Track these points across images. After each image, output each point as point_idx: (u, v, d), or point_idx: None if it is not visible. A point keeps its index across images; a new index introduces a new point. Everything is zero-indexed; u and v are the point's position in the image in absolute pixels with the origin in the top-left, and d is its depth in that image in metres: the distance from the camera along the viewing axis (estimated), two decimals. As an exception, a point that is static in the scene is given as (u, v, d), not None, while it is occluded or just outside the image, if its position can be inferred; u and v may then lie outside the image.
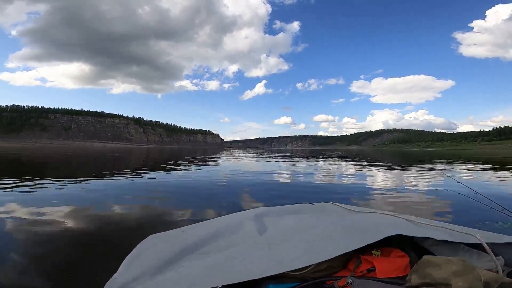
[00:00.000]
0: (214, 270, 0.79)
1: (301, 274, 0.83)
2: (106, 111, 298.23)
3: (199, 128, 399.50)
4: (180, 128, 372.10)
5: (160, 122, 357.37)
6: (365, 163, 13.00)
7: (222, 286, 0.73)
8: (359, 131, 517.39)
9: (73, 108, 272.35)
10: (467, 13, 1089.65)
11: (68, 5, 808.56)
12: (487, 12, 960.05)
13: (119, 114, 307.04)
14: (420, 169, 9.37)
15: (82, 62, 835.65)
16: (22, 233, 2.23)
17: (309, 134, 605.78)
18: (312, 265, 0.81)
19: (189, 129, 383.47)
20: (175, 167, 10.00)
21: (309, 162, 13.82)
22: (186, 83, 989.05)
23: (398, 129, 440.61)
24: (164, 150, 43.04)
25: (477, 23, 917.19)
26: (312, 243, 0.87)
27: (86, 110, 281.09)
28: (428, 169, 9.67)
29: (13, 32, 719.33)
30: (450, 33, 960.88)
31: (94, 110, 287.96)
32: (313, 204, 1.48)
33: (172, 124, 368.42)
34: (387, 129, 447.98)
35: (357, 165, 11.91)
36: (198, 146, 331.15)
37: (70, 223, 2.52)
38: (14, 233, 2.25)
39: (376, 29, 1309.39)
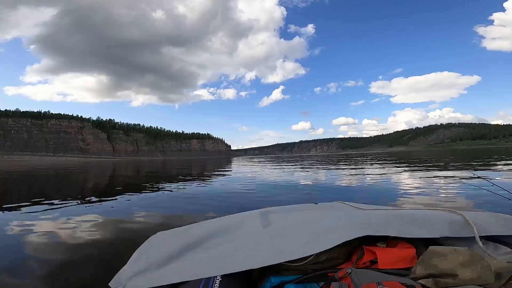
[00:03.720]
0: (215, 261, 0.82)
1: (302, 266, 0.83)
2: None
3: (205, 132, 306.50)
4: (167, 133, 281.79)
5: (141, 125, 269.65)
6: None
7: (224, 278, 0.74)
8: (404, 129, 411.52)
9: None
10: (485, 6, 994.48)
11: (78, 8, 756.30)
12: (505, 4, 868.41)
13: (70, 114, 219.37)
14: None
15: (97, 72, 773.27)
16: None
17: (335, 137, 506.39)
18: (312, 255, 0.81)
19: (181, 133, 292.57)
20: None
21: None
22: (202, 92, 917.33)
23: (454, 124, 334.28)
24: (109, 170, 17.61)
25: (497, 16, 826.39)
26: (315, 235, 0.87)
27: (22, 110, 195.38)
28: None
29: (29, 45, 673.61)
30: (471, 27, 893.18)
31: (31, 110, 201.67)
32: (323, 203, 1.48)
33: (156, 127, 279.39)
34: (441, 124, 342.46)
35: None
36: (192, 156, 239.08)
37: None
38: None
39: (393, 27, 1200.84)
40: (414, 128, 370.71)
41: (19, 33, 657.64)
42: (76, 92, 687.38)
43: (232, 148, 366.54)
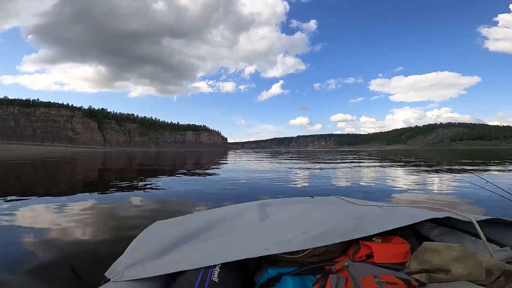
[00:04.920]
0: (213, 251, 0.82)
1: (299, 258, 0.84)
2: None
3: (201, 124, 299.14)
4: (162, 123, 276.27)
5: (135, 115, 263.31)
6: None
7: (222, 268, 0.75)
8: (402, 127, 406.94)
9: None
10: (491, 7, 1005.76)
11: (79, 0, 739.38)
12: (511, 6, 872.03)
13: (60, 102, 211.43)
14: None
15: (96, 63, 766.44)
16: None
17: (333, 133, 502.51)
18: (310, 248, 0.82)
19: (177, 124, 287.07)
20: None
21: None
22: (201, 85, 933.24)
23: (454, 123, 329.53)
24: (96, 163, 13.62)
25: (502, 17, 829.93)
26: (311, 228, 0.87)
27: (10, 98, 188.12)
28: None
29: (27, 35, 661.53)
30: (475, 28, 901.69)
31: (19, 98, 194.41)
32: (319, 197, 1.52)
33: (151, 118, 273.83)
34: (440, 123, 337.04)
35: None
36: (186, 148, 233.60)
37: None
38: None
39: (396, 25, 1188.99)
40: (413, 126, 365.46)
41: (18, 23, 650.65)
42: (74, 82, 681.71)
43: (229, 141, 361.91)
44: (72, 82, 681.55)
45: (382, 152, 44.50)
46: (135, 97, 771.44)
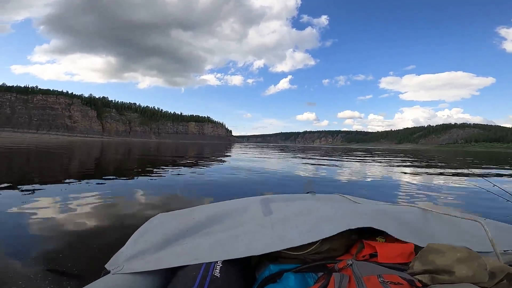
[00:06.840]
0: (216, 246, 0.80)
1: (302, 255, 0.82)
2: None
3: (205, 115, 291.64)
4: (164, 114, 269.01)
5: (137, 104, 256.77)
6: None
7: (224, 263, 0.74)
8: (411, 126, 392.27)
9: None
10: (511, 7, 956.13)
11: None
12: None
13: (59, 90, 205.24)
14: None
15: (105, 53, 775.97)
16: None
17: (341, 130, 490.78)
18: (313, 245, 0.81)
19: (180, 114, 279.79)
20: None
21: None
22: (209, 77, 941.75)
23: (469, 124, 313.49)
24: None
25: None
26: (315, 224, 0.87)
27: (8, 85, 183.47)
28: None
29: (38, 25, 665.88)
30: (493, 28, 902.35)
31: (17, 85, 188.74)
32: (322, 194, 1.52)
33: (153, 108, 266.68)
34: (455, 123, 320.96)
35: None
36: (188, 140, 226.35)
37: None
38: None
39: (410, 22, 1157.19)
40: (425, 126, 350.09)
41: (30, 14, 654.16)
42: (84, 72, 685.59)
43: (234, 134, 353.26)
44: (82, 72, 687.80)
45: (413, 152, 38.96)
46: (144, 88, 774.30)
